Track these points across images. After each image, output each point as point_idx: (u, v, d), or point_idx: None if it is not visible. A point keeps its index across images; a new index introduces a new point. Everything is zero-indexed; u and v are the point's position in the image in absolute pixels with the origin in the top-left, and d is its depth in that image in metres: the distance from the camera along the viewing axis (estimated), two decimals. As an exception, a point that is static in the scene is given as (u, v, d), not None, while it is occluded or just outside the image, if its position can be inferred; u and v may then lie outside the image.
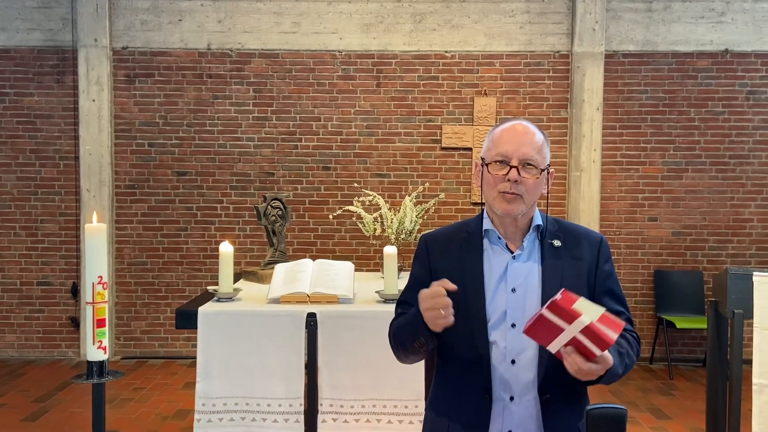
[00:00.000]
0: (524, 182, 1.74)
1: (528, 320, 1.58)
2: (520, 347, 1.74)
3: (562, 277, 1.77)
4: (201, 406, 2.78)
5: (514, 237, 1.82)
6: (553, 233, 1.84)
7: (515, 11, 6.05)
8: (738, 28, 6.06)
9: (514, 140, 1.75)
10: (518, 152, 1.74)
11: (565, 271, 1.79)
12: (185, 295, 6.13)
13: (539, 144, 1.77)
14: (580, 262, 1.82)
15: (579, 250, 1.83)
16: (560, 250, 1.81)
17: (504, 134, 1.78)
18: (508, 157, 1.74)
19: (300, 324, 2.82)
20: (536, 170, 1.75)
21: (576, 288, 1.76)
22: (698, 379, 5.62)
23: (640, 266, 6.17)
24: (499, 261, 1.80)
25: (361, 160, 6.13)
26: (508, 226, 1.82)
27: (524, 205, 1.77)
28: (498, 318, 1.76)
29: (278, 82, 6.10)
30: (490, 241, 1.83)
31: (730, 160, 6.14)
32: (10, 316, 6.13)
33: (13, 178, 6.10)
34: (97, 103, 6.00)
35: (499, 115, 6.09)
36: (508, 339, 1.74)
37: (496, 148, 1.77)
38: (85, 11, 5.95)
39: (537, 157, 1.75)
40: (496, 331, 1.75)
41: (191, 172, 6.12)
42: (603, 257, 1.85)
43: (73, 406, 4.84)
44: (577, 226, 1.93)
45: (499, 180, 1.75)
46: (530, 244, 1.82)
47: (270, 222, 3.81)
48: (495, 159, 1.76)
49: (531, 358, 1.73)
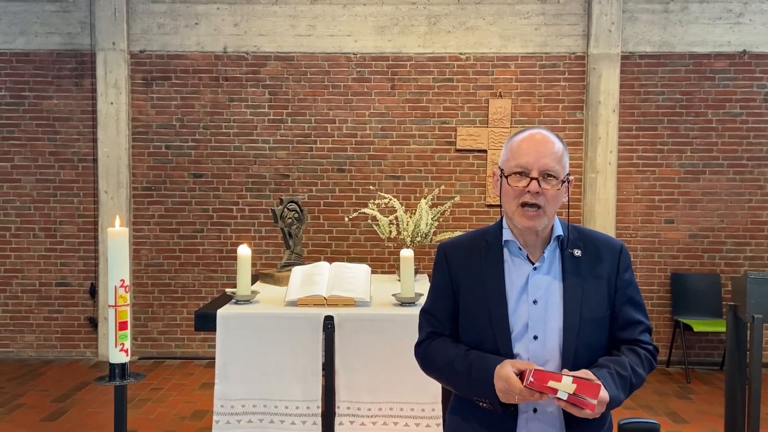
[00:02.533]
0: (545, 193, 1.71)
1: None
2: (542, 359, 1.73)
3: (583, 288, 1.76)
4: (219, 408, 2.80)
5: (534, 247, 1.81)
6: (574, 242, 1.82)
7: (530, 13, 6.04)
8: (756, 29, 6.00)
9: (533, 151, 1.72)
10: (538, 163, 1.71)
11: (585, 282, 1.77)
12: (201, 296, 6.18)
13: (559, 154, 1.74)
14: (601, 271, 1.80)
15: (599, 259, 1.81)
16: (581, 261, 1.79)
17: (523, 144, 1.74)
18: (528, 168, 1.71)
19: (317, 326, 2.83)
20: (557, 181, 1.72)
21: (597, 298, 1.77)
22: (715, 383, 5.57)
23: (657, 269, 6.13)
24: (520, 272, 1.79)
25: (376, 162, 6.15)
26: (528, 237, 1.80)
27: (546, 218, 1.75)
28: (520, 330, 1.75)
29: (293, 84, 6.13)
30: (511, 252, 1.81)
31: (748, 162, 6.08)
32: (29, 317, 6.22)
33: (33, 180, 6.18)
34: (115, 105, 6.06)
35: (513, 117, 6.08)
36: (531, 351, 1.74)
37: (516, 159, 1.73)
38: (103, 15, 6.02)
39: (557, 168, 1.73)
40: (518, 343, 1.74)
41: (207, 174, 6.17)
42: (623, 266, 1.83)
43: (92, 405, 4.90)
44: (597, 233, 1.91)
45: (519, 192, 1.72)
46: (551, 254, 1.80)
47: (286, 224, 3.83)
48: (514, 170, 1.73)
49: (554, 370, 1.72)
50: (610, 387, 1.63)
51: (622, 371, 1.70)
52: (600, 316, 1.77)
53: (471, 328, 1.81)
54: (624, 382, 1.69)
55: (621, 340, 1.81)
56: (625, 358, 1.75)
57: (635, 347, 1.79)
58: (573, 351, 1.72)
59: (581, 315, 1.74)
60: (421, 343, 1.89)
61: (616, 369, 1.70)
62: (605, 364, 1.71)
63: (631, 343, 1.80)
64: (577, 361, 1.72)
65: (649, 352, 1.81)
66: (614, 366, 1.70)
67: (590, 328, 1.75)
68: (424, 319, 1.91)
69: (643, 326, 1.82)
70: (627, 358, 1.74)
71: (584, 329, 1.73)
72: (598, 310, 1.77)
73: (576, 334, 1.72)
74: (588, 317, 1.74)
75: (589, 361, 1.73)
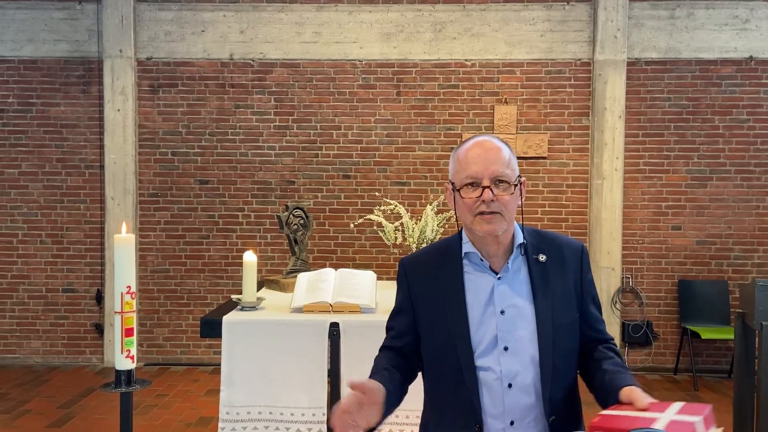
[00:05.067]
0: (499, 200, 1.68)
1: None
2: (515, 370, 1.70)
3: (552, 294, 1.74)
4: (225, 415, 2.80)
5: (496, 257, 1.76)
6: (537, 247, 1.79)
7: (536, 19, 6.04)
8: (762, 35, 5.99)
9: (481, 159, 1.69)
10: (488, 171, 1.67)
11: (554, 287, 1.75)
12: (207, 302, 6.19)
13: (507, 158, 1.71)
14: (567, 274, 1.78)
15: (564, 262, 1.78)
16: (546, 266, 1.76)
17: (470, 154, 1.71)
18: (479, 178, 1.68)
19: (323, 333, 2.82)
20: (509, 185, 1.69)
21: (567, 302, 1.75)
22: (723, 390, 5.53)
23: (664, 275, 6.10)
24: (484, 284, 1.75)
25: (381, 169, 6.15)
26: (491, 246, 1.75)
27: (505, 222, 1.71)
28: (489, 343, 1.71)
29: (299, 91, 6.15)
30: (472, 264, 1.78)
31: (756, 168, 6.05)
32: (35, 323, 6.23)
33: (40, 186, 6.21)
34: (122, 112, 6.09)
35: (519, 123, 6.07)
36: (503, 363, 1.70)
37: (465, 171, 1.70)
38: (111, 23, 6.06)
39: (507, 172, 1.69)
40: (488, 357, 1.71)
41: (213, 180, 6.19)
42: (586, 266, 1.81)
43: (98, 412, 4.90)
44: (557, 235, 1.87)
45: (473, 203, 1.69)
46: (516, 263, 1.77)
47: (292, 231, 3.83)
48: (465, 182, 1.69)
49: (529, 380, 1.69)
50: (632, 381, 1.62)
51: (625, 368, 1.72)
52: (571, 320, 1.75)
53: (432, 343, 1.78)
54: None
55: (591, 340, 1.80)
56: (618, 359, 1.75)
57: (610, 346, 1.80)
58: (551, 359, 1.69)
59: (554, 321, 1.71)
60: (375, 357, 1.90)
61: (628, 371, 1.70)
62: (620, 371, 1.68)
63: (601, 342, 1.81)
64: (555, 369, 1.70)
65: (617, 352, 1.82)
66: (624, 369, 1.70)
67: (563, 334, 1.73)
68: (386, 332, 1.91)
69: (603, 322, 1.84)
70: (619, 359, 1.76)
71: (558, 336, 1.71)
72: (569, 313, 1.75)
73: (551, 341, 1.70)
74: (560, 323, 1.72)
75: (565, 368, 1.72)
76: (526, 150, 6.06)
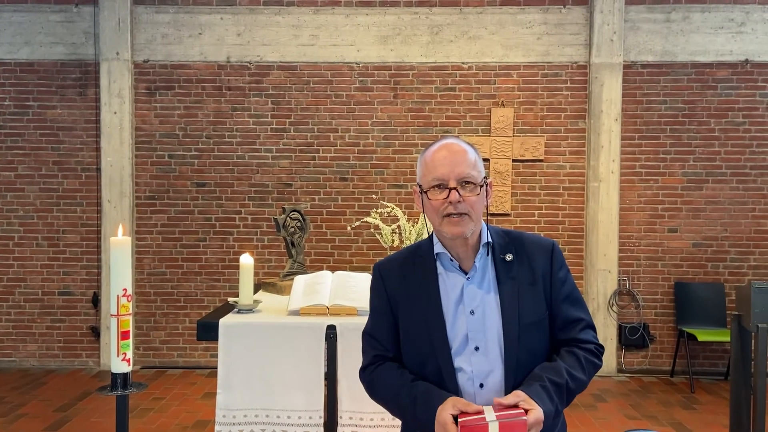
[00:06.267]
0: (466, 200, 1.71)
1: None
2: (486, 370, 1.71)
3: (518, 293, 1.75)
4: (222, 418, 2.79)
5: (466, 257, 1.79)
6: (504, 246, 1.80)
7: (532, 22, 6.06)
8: (758, 38, 6.01)
9: (447, 161, 1.72)
10: (454, 173, 1.71)
11: (521, 286, 1.76)
12: (204, 305, 6.18)
13: (473, 160, 1.74)
14: (535, 272, 1.78)
15: (532, 261, 1.79)
16: (513, 264, 1.78)
17: (436, 156, 1.75)
18: (445, 179, 1.71)
19: (320, 336, 2.83)
20: (475, 186, 1.72)
21: (533, 301, 1.75)
22: (720, 393, 5.54)
23: (660, 278, 6.11)
24: (455, 284, 1.77)
25: (378, 171, 6.15)
26: (459, 247, 1.78)
27: (472, 222, 1.73)
28: (461, 343, 1.73)
29: (296, 93, 6.15)
30: (443, 265, 1.80)
31: (751, 171, 6.07)
32: (31, 326, 6.21)
33: (36, 189, 6.20)
34: (118, 115, 6.09)
35: (516, 126, 6.09)
36: (474, 363, 1.72)
37: (432, 173, 1.73)
38: (108, 25, 6.06)
39: (473, 173, 1.73)
40: (460, 357, 1.73)
41: (210, 183, 6.18)
42: (557, 264, 1.81)
43: (95, 415, 4.89)
44: (526, 234, 1.88)
45: (440, 204, 1.72)
46: (482, 262, 1.79)
47: (289, 233, 3.83)
48: (432, 184, 1.73)
49: (499, 380, 1.71)
50: (543, 402, 1.60)
51: (557, 379, 1.67)
52: (538, 318, 1.75)
53: (412, 346, 1.79)
54: (559, 390, 1.67)
55: (561, 341, 1.79)
56: (561, 363, 1.72)
57: (574, 349, 1.76)
58: (515, 358, 1.70)
59: (520, 320, 1.72)
60: (367, 367, 1.86)
61: (550, 378, 1.67)
62: (539, 375, 1.68)
63: (571, 343, 1.78)
64: (519, 368, 1.70)
65: (589, 351, 1.77)
66: (549, 375, 1.68)
67: (530, 333, 1.73)
68: (368, 343, 1.88)
69: (583, 323, 1.80)
70: (564, 364, 1.72)
71: (524, 334, 1.72)
72: (536, 312, 1.75)
73: (517, 340, 1.71)
74: (527, 321, 1.73)
75: (531, 367, 1.72)
76: (523, 153, 6.07)
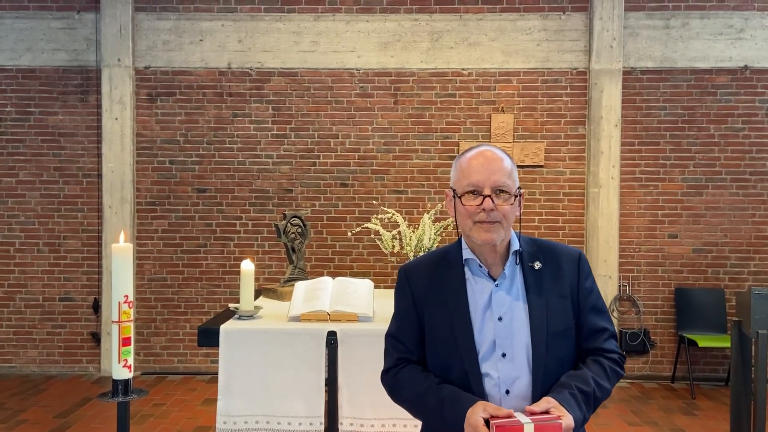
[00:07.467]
0: (499, 209, 1.72)
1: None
2: (513, 376, 1.72)
3: (547, 301, 1.76)
4: (222, 424, 2.79)
5: (494, 264, 1.80)
6: (533, 255, 1.82)
7: (532, 29, 6.08)
8: (757, 44, 6.03)
9: (483, 168, 1.73)
10: (490, 180, 1.72)
11: (549, 294, 1.77)
12: (204, 311, 6.18)
13: (509, 169, 1.75)
14: (563, 281, 1.80)
15: (560, 270, 1.81)
16: (542, 273, 1.79)
17: (473, 163, 1.75)
18: (480, 186, 1.72)
19: (320, 342, 2.83)
20: (509, 196, 1.73)
21: (561, 310, 1.77)
22: (721, 399, 5.53)
23: (661, 284, 6.11)
24: (483, 290, 1.78)
25: (379, 177, 6.16)
26: (488, 254, 1.79)
27: (503, 230, 1.74)
28: (488, 349, 1.74)
29: (297, 100, 6.17)
30: (472, 270, 1.81)
31: (751, 177, 6.08)
32: (32, 332, 6.22)
33: (37, 195, 6.21)
34: (119, 121, 6.11)
35: (516, 131, 6.10)
36: (500, 369, 1.73)
37: (467, 179, 1.74)
38: (109, 32, 6.08)
39: (509, 183, 1.73)
40: (487, 363, 1.73)
41: (211, 189, 6.19)
42: (584, 274, 1.83)
43: (95, 421, 4.88)
44: (554, 243, 1.90)
45: (473, 211, 1.73)
46: (511, 270, 1.80)
47: (289, 239, 3.84)
48: (467, 190, 1.74)
49: (525, 386, 1.71)
50: (573, 410, 1.62)
51: (585, 388, 1.69)
52: (566, 327, 1.77)
53: (437, 350, 1.79)
54: (587, 399, 1.68)
55: (586, 350, 1.80)
56: (588, 371, 1.73)
57: (599, 358, 1.78)
58: (543, 366, 1.71)
59: (548, 329, 1.73)
60: (389, 370, 1.86)
61: (578, 386, 1.68)
62: (567, 383, 1.70)
63: (596, 352, 1.79)
64: (546, 376, 1.71)
65: (613, 361, 1.79)
66: (576, 383, 1.69)
67: (558, 341, 1.74)
68: (391, 345, 1.88)
69: (608, 333, 1.82)
70: (590, 372, 1.73)
71: (552, 343, 1.73)
72: (564, 321, 1.77)
73: (545, 348, 1.72)
74: (554, 330, 1.74)
75: (558, 375, 1.73)
76: (523, 158, 6.08)
